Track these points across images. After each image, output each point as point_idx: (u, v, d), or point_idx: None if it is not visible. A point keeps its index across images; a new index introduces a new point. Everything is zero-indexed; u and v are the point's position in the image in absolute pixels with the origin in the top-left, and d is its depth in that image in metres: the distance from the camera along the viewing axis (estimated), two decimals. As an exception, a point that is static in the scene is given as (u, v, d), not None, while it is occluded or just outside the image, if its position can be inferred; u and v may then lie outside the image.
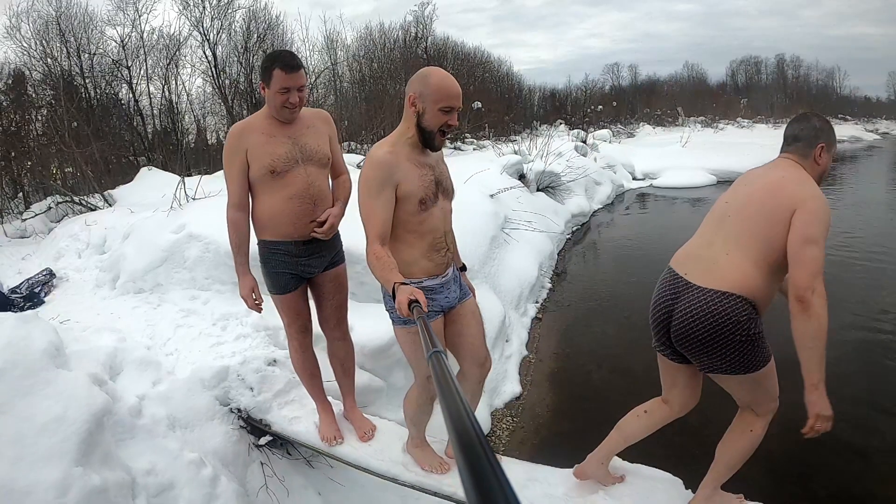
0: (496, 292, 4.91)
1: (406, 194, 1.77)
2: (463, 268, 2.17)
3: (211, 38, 15.46)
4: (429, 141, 1.80)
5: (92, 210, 6.68)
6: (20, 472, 1.66)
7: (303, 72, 2.04)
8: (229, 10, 15.68)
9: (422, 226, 1.83)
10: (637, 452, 3.07)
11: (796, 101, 34.06)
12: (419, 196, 1.79)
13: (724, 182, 13.47)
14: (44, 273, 4.36)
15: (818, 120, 1.83)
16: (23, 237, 6.38)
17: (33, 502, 1.61)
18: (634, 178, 14.43)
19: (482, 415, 3.55)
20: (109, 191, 7.56)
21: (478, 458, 0.51)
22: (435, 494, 2.12)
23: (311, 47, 19.21)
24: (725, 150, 15.49)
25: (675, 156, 15.56)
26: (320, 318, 2.36)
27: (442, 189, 1.89)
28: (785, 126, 1.94)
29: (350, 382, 2.48)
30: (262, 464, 2.49)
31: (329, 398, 2.53)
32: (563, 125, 25.04)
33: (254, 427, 2.55)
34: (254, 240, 2.17)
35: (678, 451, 3.09)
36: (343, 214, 2.22)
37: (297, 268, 2.16)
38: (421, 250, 1.85)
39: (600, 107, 30.84)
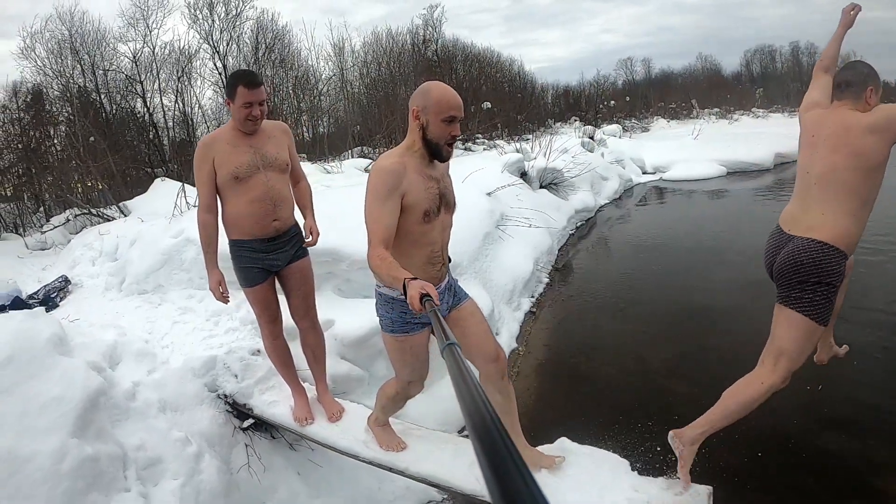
0: (486, 287, 5.08)
1: (411, 204, 1.81)
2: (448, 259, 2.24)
3: (221, 49, 15.96)
4: (436, 152, 1.85)
5: (107, 221, 7.04)
6: (24, 442, 1.93)
7: (262, 88, 2.32)
8: (237, 22, 16.14)
9: (423, 238, 1.88)
10: (588, 434, 3.20)
11: (813, 88, 33.29)
12: (424, 207, 1.83)
13: (734, 173, 13.37)
14: (59, 280, 4.70)
15: (864, 66, 2.14)
16: (43, 249, 6.76)
17: (34, 467, 1.89)
18: (644, 172, 14.36)
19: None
20: (125, 202, 7.92)
21: (496, 446, 0.51)
22: (390, 470, 2.33)
23: (316, 55, 19.58)
24: (737, 141, 15.31)
25: (686, 148, 15.42)
26: (290, 310, 2.61)
27: (445, 202, 1.94)
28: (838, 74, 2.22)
29: (321, 369, 2.72)
30: (246, 445, 2.73)
31: (305, 384, 2.79)
32: (577, 122, 24.95)
33: (239, 412, 2.81)
34: (225, 240, 2.44)
35: (636, 437, 3.18)
36: (315, 220, 2.58)
37: (264, 262, 2.43)
38: (417, 262, 1.89)
39: (612, 102, 30.69)
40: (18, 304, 4.18)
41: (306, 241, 2.51)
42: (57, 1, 15.04)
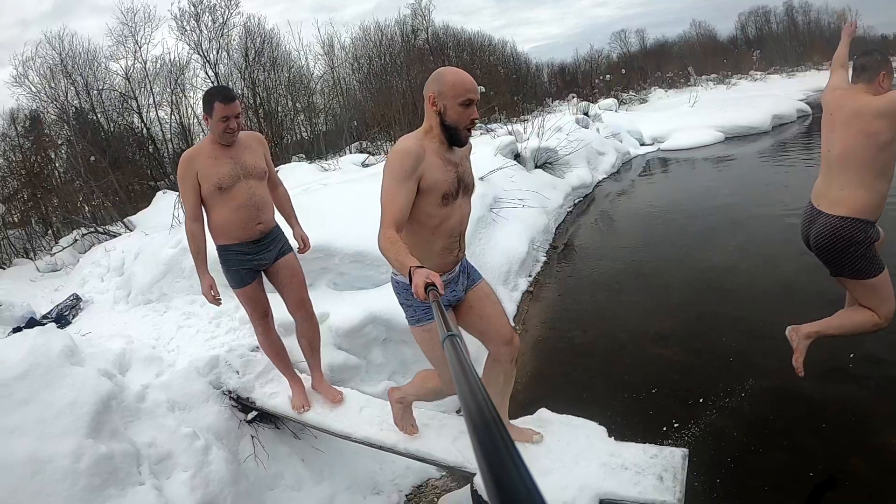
0: (481, 270, 5.16)
1: (430, 185, 1.81)
2: None
3: (211, 58, 16.00)
4: (455, 137, 1.86)
5: (114, 237, 7.22)
6: (43, 445, 2.12)
7: (237, 102, 2.48)
8: (225, 30, 16.16)
9: (443, 223, 1.88)
10: (574, 406, 3.29)
11: (810, 47, 32.54)
12: (443, 190, 1.83)
13: (732, 138, 13.30)
14: (71, 298, 4.90)
15: (879, 54, 2.45)
16: (54, 270, 6.89)
17: (54, 467, 2.07)
18: (643, 144, 14.32)
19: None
20: (129, 217, 8.10)
21: (495, 444, 0.50)
22: (380, 448, 2.49)
23: (306, 55, 19.57)
24: (735, 106, 15.16)
25: (683, 117, 15.33)
26: (286, 304, 2.79)
27: (463, 186, 1.93)
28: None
29: (317, 357, 2.89)
30: (251, 436, 2.91)
31: (303, 376, 2.97)
32: (575, 99, 24.71)
33: (243, 405, 2.99)
34: (213, 245, 2.61)
35: (622, 406, 3.31)
36: (302, 227, 2.83)
37: (252, 263, 2.62)
38: (434, 249, 1.89)
39: (608, 76, 30.39)
40: (33, 324, 4.38)
41: (299, 250, 2.75)
42: (46, 26, 15.20)
